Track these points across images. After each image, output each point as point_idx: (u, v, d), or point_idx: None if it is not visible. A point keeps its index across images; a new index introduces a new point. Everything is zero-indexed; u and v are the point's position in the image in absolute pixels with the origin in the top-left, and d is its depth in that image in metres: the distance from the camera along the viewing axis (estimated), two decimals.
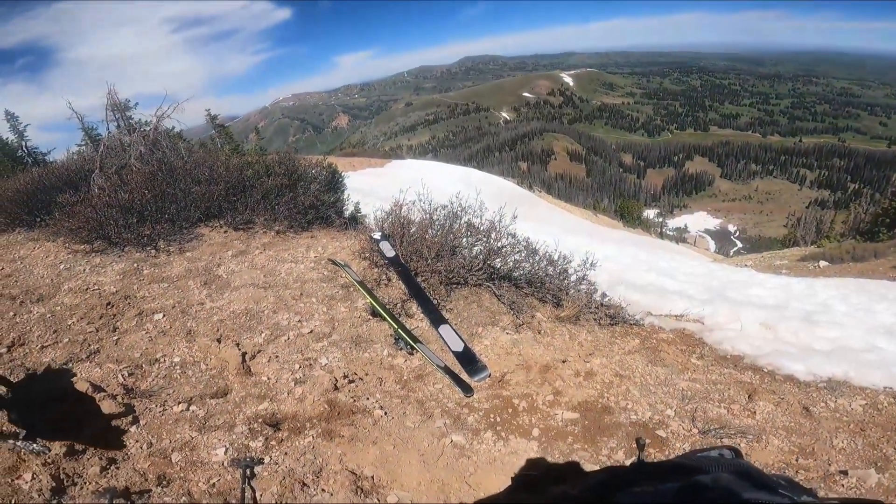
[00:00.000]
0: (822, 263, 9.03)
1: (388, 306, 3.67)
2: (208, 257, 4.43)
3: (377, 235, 4.50)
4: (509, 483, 2.35)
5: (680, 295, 5.90)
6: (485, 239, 4.41)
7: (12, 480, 2.17)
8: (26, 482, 2.17)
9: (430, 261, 4.01)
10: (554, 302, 4.27)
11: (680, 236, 58.89)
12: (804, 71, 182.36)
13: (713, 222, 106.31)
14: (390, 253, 4.20)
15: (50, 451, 2.35)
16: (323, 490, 2.24)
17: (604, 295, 4.71)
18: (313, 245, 4.72)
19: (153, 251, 4.56)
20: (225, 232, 4.96)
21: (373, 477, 2.35)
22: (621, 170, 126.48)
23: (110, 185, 5.73)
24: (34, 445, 2.36)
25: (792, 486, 0.85)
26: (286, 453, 2.43)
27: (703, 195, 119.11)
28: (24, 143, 21.77)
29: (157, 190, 5.30)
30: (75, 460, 2.31)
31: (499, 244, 4.36)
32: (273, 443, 2.50)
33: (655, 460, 2.46)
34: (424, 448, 2.53)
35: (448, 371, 3.11)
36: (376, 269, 4.20)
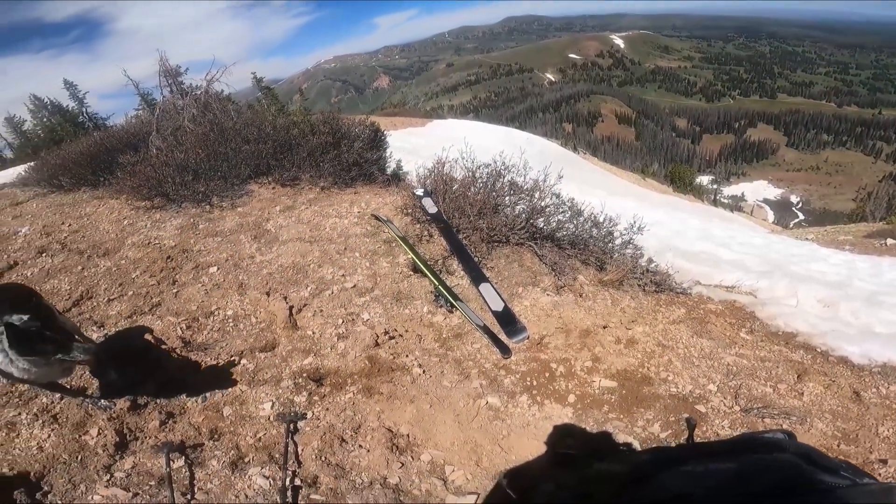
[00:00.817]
0: (890, 241, 8.14)
1: (429, 262, 3.68)
2: (258, 212, 4.60)
3: (419, 192, 4.48)
4: (542, 449, 2.34)
5: (734, 265, 5.56)
6: (528, 198, 4.30)
7: (79, 436, 2.32)
8: (92, 437, 2.32)
9: (472, 218, 3.96)
10: (597, 265, 4.13)
11: (735, 205, 55.23)
12: (890, 43, 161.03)
13: (774, 192, 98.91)
14: (432, 209, 4.19)
15: (115, 406, 2.49)
16: (360, 446, 2.31)
17: (650, 261, 4.52)
18: (357, 201, 4.77)
19: (207, 207, 4.79)
20: (273, 188, 5.12)
21: (408, 435, 2.40)
22: (674, 134, 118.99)
23: (167, 146, 6.02)
24: (101, 401, 2.51)
25: (852, 469, 0.81)
26: (328, 409, 2.52)
27: (764, 163, 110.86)
28: (84, 110, 23.18)
29: (209, 149, 5.52)
30: (137, 415, 2.46)
31: (542, 203, 4.24)
32: (316, 398, 2.59)
33: (705, 440, 2.37)
34: (460, 408, 2.56)
35: (487, 331, 3.09)
36: (418, 225, 4.20)
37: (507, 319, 3.25)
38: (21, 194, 6.93)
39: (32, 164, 9.62)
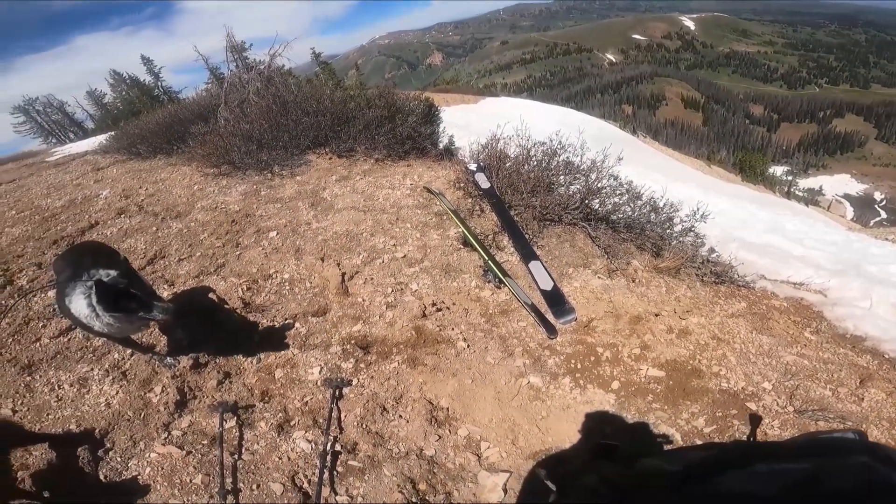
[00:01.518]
0: None
1: (479, 237, 3.67)
2: (315, 181, 4.77)
3: (473, 167, 4.45)
4: (581, 433, 2.29)
5: (804, 262, 5.12)
6: (584, 178, 4.15)
7: (144, 394, 2.47)
8: (156, 395, 2.46)
9: (524, 195, 3.89)
10: (653, 251, 3.94)
11: (811, 198, 50.45)
12: None
13: (856, 187, 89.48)
14: (485, 184, 4.15)
15: (179, 364, 2.61)
16: (401, 416, 2.36)
17: (712, 250, 4.25)
18: (409, 173, 4.83)
19: (269, 175, 5.02)
20: (330, 159, 5.28)
21: (448, 409, 2.42)
22: (747, 121, 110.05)
23: (234, 117, 6.34)
24: (167, 359, 2.64)
25: None
26: (372, 377, 2.58)
27: (849, 156, 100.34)
28: (159, 84, 24.86)
29: (272, 121, 5.76)
30: (198, 374, 2.60)
31: (599, 185, 4.07)
32: (362, 365, 2.65)
33: (769, 440, 2.26)
34: (501, 386, 2.55)
35: (534, 309, 3.05)
36: (470, 200, 4.19)
37: (556, 299, 3.19)
38: (102, 161, 7.60)
39: (112, 133, 10.50)
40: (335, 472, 2.07)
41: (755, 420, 2.31)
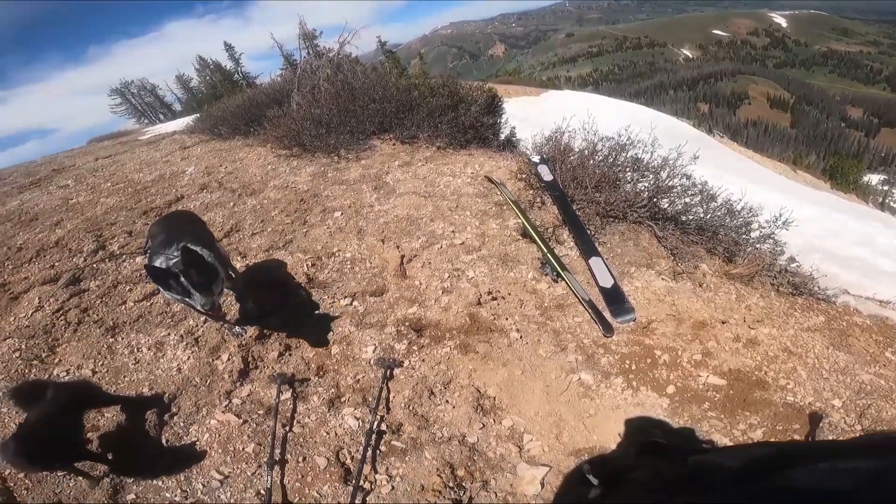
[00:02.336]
0: None
1: (539, 229, 3.62)
2: (379, 165, 4.92)
3: (536, 158, 4.39)
4: (627, 434, 2.23)
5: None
6: (653, 176, 3.96)
7: (212, 361, 2.62)
8: (222, 363, 2.60)
9: (588, 190, 3.78)
10: (725, 256, 3.71)
11: None
12: None
13: None
14: (548, 177, 4.08)
15: (246, 333, 2.75)
16: (447, 402, 2.38)
17: (791, 260, 3.93)
18: (470, 162, 4.85)
19: (336, 157, 5.24)
20: (393, 144, 5.41)
21: (495, 398, 2.42)
22: (843, 125, 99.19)
23: (305, 102, 6.65)
24: (236, 328, 2.79)
25: None
26: (423, 360, 2.62)
27: None
28: (239, 69, 26.44)
29: (340, 106, 5.99)
30: (262, 344, 2.74)
31: (669, 183, 3.87)
32: (414, 348, 2.70)
33: (831, 439, 2.15)
34: (551, 380, 2.52)
35: (591, 306, 2.98)
36: (531, 192, 4.14)
37: (615, 297, 3.09)
38: (188, 140, 8.27)
39: (197, 115, 11.39)
40: (378, 451, 2.13)
41: (815, 419, 2.20)
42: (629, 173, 4.05)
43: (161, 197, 5.13)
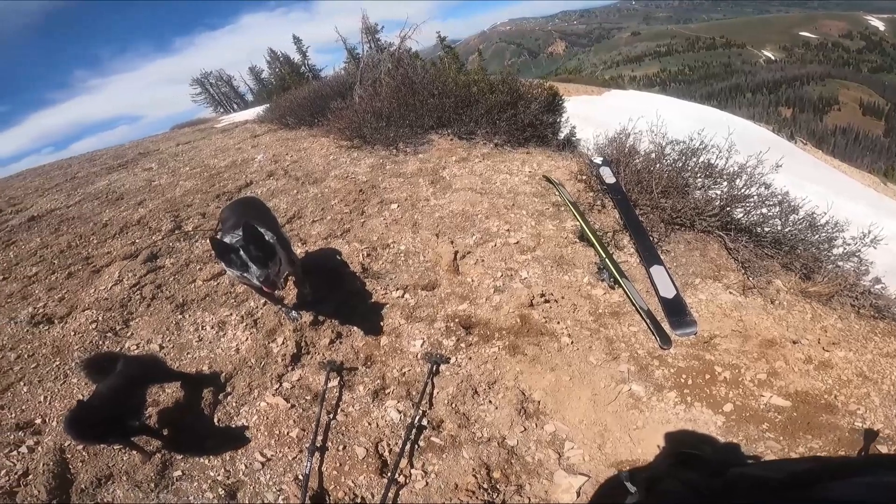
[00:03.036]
0: None
1: (597, 233, 3.50)
2: (436, 160, 4.96)
3: (598, 160, 4.25)
4: (674, 449, 2.13)
5: None
6: (727, 183, 3.71)
7: (268, 343, 2.70)
8: (277, 346, 2.68)
9: (654, 195, 3.60)
10: (803, 273, 3.42)
11: None
12: None
13: None
14: (610, 179, 3.93)
15: (301, 318, 2.82)
16: (490, 402, 2.35)
17: (876, 280, 3.56)
18: (528, 161, 4.77)
19: (394, 150, 5.35)
20: (451, 140, 5.44)
21: (539, 402, 2.36)
22: None
23: (367, 95, 6.83)
24: (293, 312, 2.86)
25: None
26: (470, 358, 2.60)
27: None
28: (306, 62, 27.55)
29: (400, 100, 6.09)
30: (315, 330, 2.81)
31: (746, 192, 3.61)
32: (462, 345, 2.68)
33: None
34: (599, 388, 2.44)
35: (649, 316, 2.84)
36: (591, 194, 4.01)
37: (677, 309, 2.94)
38: (258, 129, 8.77)
39: (267, 105, 12.03)
40: (416, 446, 2.13)
41: (870, 435, 2.09)
42: (700, 179, 3.81)
43: (232, 182, 5.47)
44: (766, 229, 3.56)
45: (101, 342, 2.91)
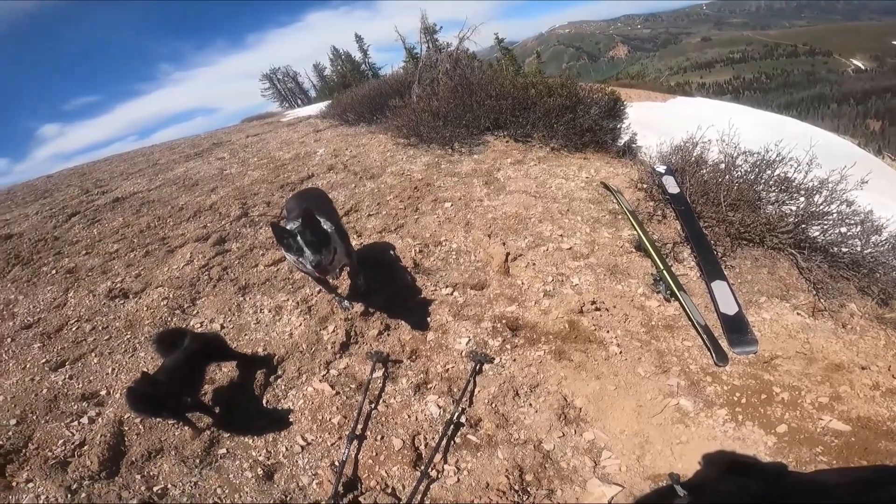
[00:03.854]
0: None
1: (656, 243, 3.39)
2: (491, 161, 4.98)
3: (661, 168, 4.10)
4: (714, 468, 2.04)
5: None
6: (803, 199, 3.47)
7: (319, 330, 2.78)
8: (328, 333, 2.75)
9: (721, 208, 3.43)
10: (881, 298, 3.16)
11: None
12: None
13: None
14: (673, 189, 3.78)
15: (353, 308, 2.90)
16: (531, 405, 2.33)
17: None
18: (586, 166, 4.70)
19: (450, 150, 5.42)
20: (506, 142, 5.44)
21: (581, 409, 2.33)
22: None
23: (425, 95, 6.96)
24: (345, 301, 2.94)
25: None
26: (515, 360, 2.59)
27: None
28: (366, 60, 28.39)
29: (457, 100, 6.16)
30: (364, 321, 2.88)
31: (825, 209, 3.36)
32: (508, 346, 2.68)
33: None
34: (645, 400, 2.37)
35: (706, 331, 2.72)
36: (651, 203, 3.89)
37: (737, 326, 2.79)
38: (321, 124, 9.16)
39: (329, 102, 12.53)
40: (452, 442, 2.15)
41: None
42: (774, 193, 3.59)
43: (296, 174, 5.76)
44: (845, 250, 3.31)
45: (169, 319, 3.08)
